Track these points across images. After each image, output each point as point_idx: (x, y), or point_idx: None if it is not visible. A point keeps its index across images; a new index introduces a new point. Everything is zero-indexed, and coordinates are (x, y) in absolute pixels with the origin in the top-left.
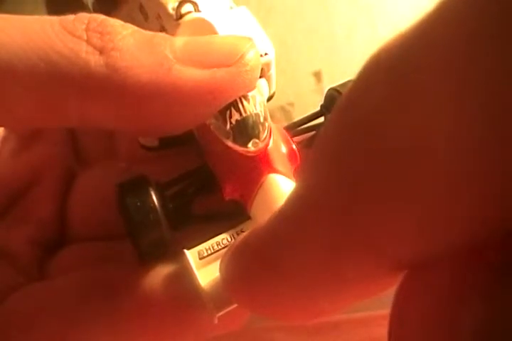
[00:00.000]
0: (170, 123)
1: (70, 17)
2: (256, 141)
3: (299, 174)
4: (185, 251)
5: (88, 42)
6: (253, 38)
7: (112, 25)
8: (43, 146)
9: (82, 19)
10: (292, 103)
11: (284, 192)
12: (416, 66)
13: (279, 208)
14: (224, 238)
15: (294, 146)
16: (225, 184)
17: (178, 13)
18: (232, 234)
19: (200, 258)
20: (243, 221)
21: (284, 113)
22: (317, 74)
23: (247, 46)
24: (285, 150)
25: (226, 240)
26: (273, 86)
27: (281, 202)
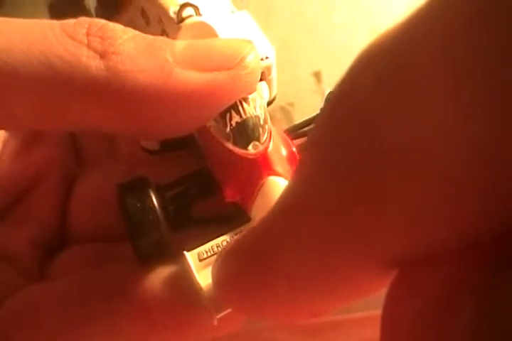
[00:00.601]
0: (170, 126)
1: (70, 21)
2: (256, 143)
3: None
4: (185, 252)
5: (89, 46)
6: (254, 42)
7: (113, 29)
8: (44, 148)
9: (83, 23)
10: (292, 103)
11: None
12: (409, 61)
13: (271, 209)
14: (224, 240)
15: (293, 149)
16: (226, 186)
17: (179, 16)
18: (232, 236)
19: (200, 260)
20: (243, 223)
21: (283, 113)
22: (317, 74)
23: (247, 49)
24: (285, 152)
25: (226, 242)
26: (274, 89)
27: None
